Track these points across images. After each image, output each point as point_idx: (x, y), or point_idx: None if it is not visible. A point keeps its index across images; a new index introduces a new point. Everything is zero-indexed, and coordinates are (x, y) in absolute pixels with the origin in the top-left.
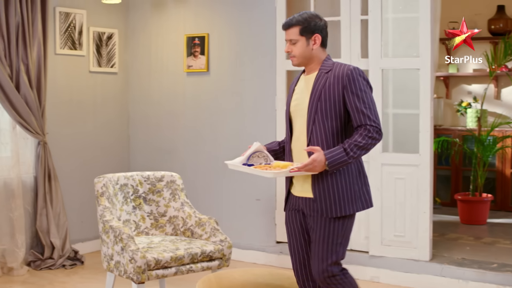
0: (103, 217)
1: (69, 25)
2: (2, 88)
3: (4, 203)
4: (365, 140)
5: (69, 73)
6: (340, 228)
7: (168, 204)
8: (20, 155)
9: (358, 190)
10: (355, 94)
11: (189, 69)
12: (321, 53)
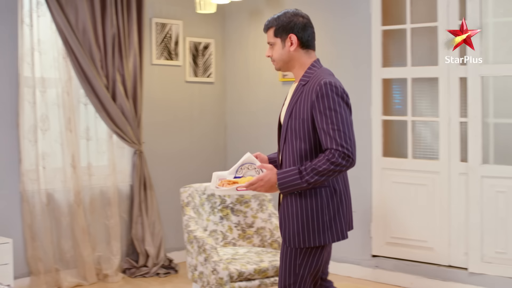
0: (187, 227)
1: (165, 35)
2: (98, 98)
3: (100, 211)
4: (325, 165)
5: (165, 83)
6: (303, 260)
7: (256, 215)
8: (117, 164)
9: (328, 220)
10: (323, 114)
11: (284, 78)
12: (303, 57)
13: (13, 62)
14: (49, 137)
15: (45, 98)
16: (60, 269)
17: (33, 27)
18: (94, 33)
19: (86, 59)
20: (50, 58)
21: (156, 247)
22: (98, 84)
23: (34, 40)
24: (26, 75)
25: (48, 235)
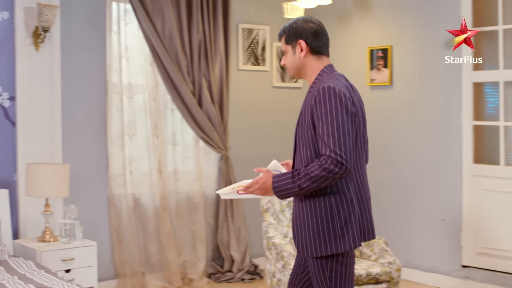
0: (266, 233)
1: (252, 41)
2: (185, 104)
3: (186, 215)
4: (317, 171)
5: (252, 89)
6: (325, 270)
7: None
8: (203, 169)
9: (339, 228)
10: (320, 119)
11: (372, 82)
12: (314, 63)
13: (101, 69)
14: (136, 143)
15: (132, 104)
16: (146, 272)
17: (120, 35)
18: (181, 40)
19: (172, 65)
20: (137, 65)
21: (241, 252)
22: (184, 90)
23: (121, 47)
24: (114, 82)
25: (134, 238)
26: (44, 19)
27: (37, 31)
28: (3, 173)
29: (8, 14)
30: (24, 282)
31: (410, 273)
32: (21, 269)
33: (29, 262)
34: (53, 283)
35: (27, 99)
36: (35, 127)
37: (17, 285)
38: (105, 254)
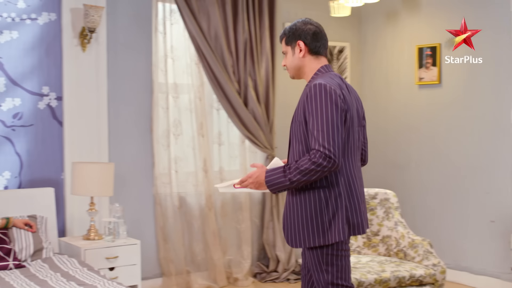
0: None
1: None
2: (230, 103)
3: (232, 215)
4: (307, 164)
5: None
6: (321, 262)
7: (381, 223)
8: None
9: (328, 221)
10: (310, 115)
11: (420, 81)
12: (312, 63)
13: (147, 68)
14: (181, 142)
15: (178, 103)
16: (191, 271)
17: (166, 35)
18: (226, 39)
19: (218, 65)
20: (182, 65)
21: (287, 252)
22: (230, 89)
23: (167, 47)
24: (160, 81)
25: (179, 237)
26: (90, 20)
27: (83, 32)
28: (50, 172)
29: (56, 15)
30: (67, 279)
31: (459, 275)
32: (64, 267)
33: (73, 259)
34: (95, 280)
35: (73, 99)
36: (81, 127)
37: (60, 282)
38: (151, 252)
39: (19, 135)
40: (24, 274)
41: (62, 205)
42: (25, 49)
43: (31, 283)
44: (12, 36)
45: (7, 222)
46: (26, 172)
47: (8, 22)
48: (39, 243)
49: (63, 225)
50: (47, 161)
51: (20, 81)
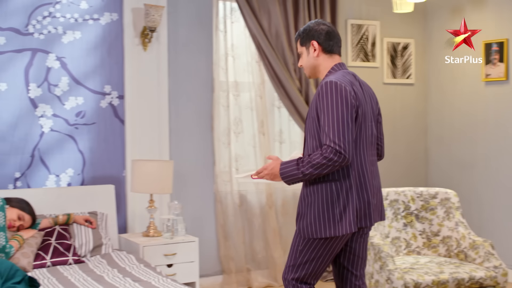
0: None
1: (362, 36)
2: (291, 101)
3: (293, 213)
4: (319, 159)
5: None
6: (304, 248)
7: (442, 223)
8: None
9: (338, 213)
10: (322, 111)
11: (487, 78)
12: (326, 61)
13: (208, 67)
14: (242, 140)
15: (239, 101)
16: (251, 269)
17: (227, 33)
18: (287, 37)
19: (279, 63)
20: (243, 63)
21: None
22: (291, 87)
23: (228, 46)
24: (221, 80)
25: (240, 235)
26: (151, 19)
27: (144, 31)
28: (112, 169)
29: (117, 15)
30: (123, 275)
31: None
32: (122, 263)
33: (131, 256)
34: (149, 277)
35: (135, 97)
36: (143, 125)
37: (116, 278)
38: (211, 250)
39: (82, 133)
40: (83, 269)
41: (123, 202)
42: (88, 49)
43: (88, 278)
44: (75, 37)
45: (68, 218)
46: (89, 170)
47: (71, 22)
48: (99, 239)
49: (125, 221)
50: (109, 159)
51: (83, 80)
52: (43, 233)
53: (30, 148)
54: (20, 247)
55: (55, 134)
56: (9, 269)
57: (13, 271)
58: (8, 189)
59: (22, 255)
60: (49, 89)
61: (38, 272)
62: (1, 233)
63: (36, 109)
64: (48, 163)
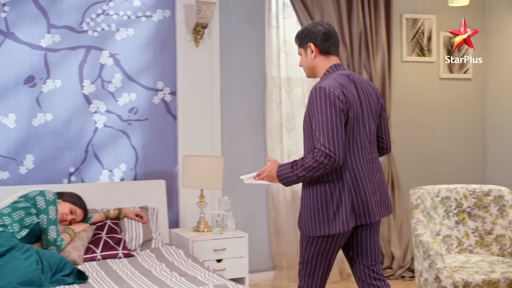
0: (415, 231)
1: (417, 31)
2: None
3: None
4: (310, 162)
5: (417, 81)
6: (307, 244)
7: (495, 221)
8: None
9: (332, 213)
10: (313, 116)
11: None
12: (323, 62)
13: (260, 63)
14: (294, 136)
15: (291, 97)
16: None
17: (279, 29)
18: (340, 32)
19: None
20: (295, 58)
21: (402, 249)
22: None
23: (280, 41)
24: (273, 76)
25: (292, 231)
26: (202, 15)
27: (196, 28)
28: (165, 164)
29: (170, 12)
30: (170, 270)
31: None
32: (170, 257)
33: (179, 250)
34: (196, 271)
35: (187, 93)
36: (195, 121)
37: (163, 272)
38: (263, 245)
39: (135, 129)
40: (131, 263)
41: (176, 197)
42: (141, 45)
43: (136, 272)
44: (128, 34)
45: (119, 212)
46: (141, 165)
47: (124, 20)
48: (149, 233)
49: (177, 216)
50: (162, 154)
51: (136, 76)
52: (94, 227)
53: (84, 143)
54: (71, 240)
55: (108, 130)
56: (58, 261)
57: (62, 264)
58: (62, 184)
59: (73, 248)
60: (102, 86)
61: (88, 265)
62: (53, 227)
63: (90, 105)
64: (102, 158)
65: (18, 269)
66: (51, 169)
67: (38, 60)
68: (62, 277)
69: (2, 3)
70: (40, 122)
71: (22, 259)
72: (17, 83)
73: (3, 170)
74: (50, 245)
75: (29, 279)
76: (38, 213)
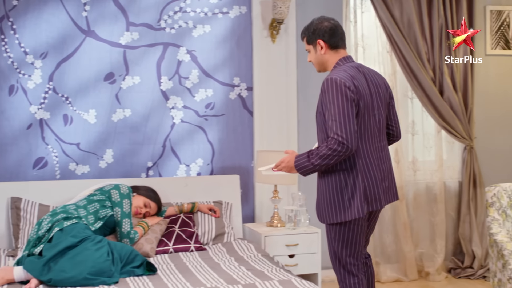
0: (489, 229)
1: (502, 23)
2: (425, 92)
3: (426, 207)
4: (325, 150)
5: (502, 75)
6: (335, 236)
7: None
8: (444, 159)
9: (348, 199)
10: (325, 106)
11: None
12: (332, 57)
13: None
14: None
15: None
16: (380, 262)
17: (357, 23)
18: (420, 26)
19: (411, 53)
20: (374, 53)
21: (484, 248)
22: (424, 77)
23: (358, 36)
24: None
25: None
26: (278, 11)
27: (273, 24)
28: (241, 160)
29: (246, 8)
30: (238, 264)
31: None
32: (241, 251)
33: (250, 245)
34: (264, 266)
35: (263, 89)
36: (271, 116)
37: (231, 266)
38: None
39: (211, 124)
40: (202, 256)
41: (252, 192)
42: (217, 42)
43: (205, 265)
44: (204, 30)
45: (193, 206)
46: (218, 160)
47: (201, 17)
48: (221, 227)
49: (253, 211)
50: (238, 150)
51: (213, 72)
52: (168, 220)
53: (162, 138)
54: (144, 233)
55: (185, 125)
56: (129, 253)
57: (132, 256)
58: (140, 178)
59: (145, 241)
60: (179, 82)
61: (159, 257)
62: (127, 220)
63: (168, 101)
64: (179, 153)
65: (88, 259)
66: (129, 164)
67: (117, 57)
68: (132, 268)
69: (83, 3)
70: (119, 118)
71: (93, 250)
72: (97, 79)
73: (84, 164)
74: (123, 237)
75: (99, 269)
76: (113, 206)
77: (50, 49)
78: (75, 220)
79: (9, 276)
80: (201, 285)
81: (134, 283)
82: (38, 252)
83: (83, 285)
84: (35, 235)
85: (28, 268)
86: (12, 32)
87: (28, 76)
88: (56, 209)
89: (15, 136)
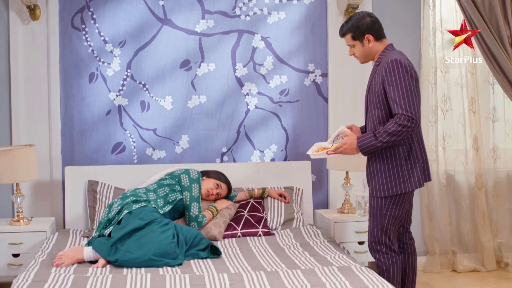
0: None
1: None
2: (507, 77)
3: (506, 196)
4: (394, 127)
5: None
6: (387, 209)
7: None
8: None
9: (407, 173)
10: (391, 85)
11: None
12: (378, 47)
13: (415, 43)
14: (450, 118)
15: (447, 78)
16: (457, 251)
17: (435, 8)
18: (502, 8)
19: (492, 37)
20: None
21: None
22: (506, 62)
23: (436, 21)
24: (430, 56)
25: (445, 216)
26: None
27: (348, 9)
28: None
29: None
30: (303, 249)
31: None
32: (308, 237)
33: (318, 231)
34: (328, 252)
35: (338, 76)
36: (346, 103)
37: (295, 251)
38: (415, 230)
39: (286, 111)
40: (268, 241)
41: (326, 178)
42: (292, 28)
43: (269, 250)
44: (279, 17)
45: (263, 192)
46: (292, 146)
47: (276, 3)
48: (291, 213)
49: (327, 197)
50: (312, 136)
51: (287, 59)
52: (238, 205)
53: (236, 124)
54: (213, 217)
55: (259, 112)
56: (194, 236)
57: (198, 239)
58: (215, 163)
59: (214, 225)
60: (254, 68)
61: (227, 241)
62: (195, 204)
63: (242, 88)
64: (253, 139)
65: (154, 241)
66: (204, 149)
67: (193, 44)
68: (196, 251)
69: None
70: (195, 104)
71: (159, 232)
72: (173, 67)
73: (160, 149)
74: (192, 221)
75: (163, 251)
76: (182, 190)
77: (128, 37)
78: (143, 203)
79: (79, 256)
80: (261, 269)
81: (197, 265)
82: (108, 234)
83: (148, 266)
84: (105, 217)
85: (96, 248)
86: (92, 21)
87: (107, 64)
88: (126, 192)
89: (95, 122)
